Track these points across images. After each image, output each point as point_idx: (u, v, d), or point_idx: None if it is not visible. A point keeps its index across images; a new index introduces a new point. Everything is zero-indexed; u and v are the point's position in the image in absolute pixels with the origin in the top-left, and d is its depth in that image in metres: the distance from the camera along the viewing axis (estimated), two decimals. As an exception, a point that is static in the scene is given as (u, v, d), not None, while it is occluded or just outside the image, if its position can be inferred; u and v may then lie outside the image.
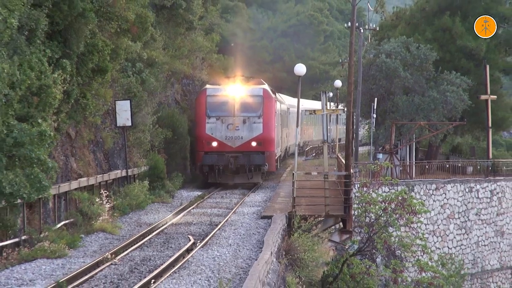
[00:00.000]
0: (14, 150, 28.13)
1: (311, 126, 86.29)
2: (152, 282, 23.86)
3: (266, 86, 55.93)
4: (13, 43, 29.03)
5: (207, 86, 55.96)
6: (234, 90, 54.07)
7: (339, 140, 79.70)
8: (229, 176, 53.41)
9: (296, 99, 49.91)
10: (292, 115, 72.59)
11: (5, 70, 26.35)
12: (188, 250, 29.46)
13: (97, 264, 26.69)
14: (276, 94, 63.18)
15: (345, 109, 53.86)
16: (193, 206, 43.66)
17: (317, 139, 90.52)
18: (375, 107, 66.17)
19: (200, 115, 54.29)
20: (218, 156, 52.22)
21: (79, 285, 23.93)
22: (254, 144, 52.85)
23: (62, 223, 34.02)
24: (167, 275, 25.05)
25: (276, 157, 57.42)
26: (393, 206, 35.56)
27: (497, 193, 68.46)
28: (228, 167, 52.40)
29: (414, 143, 69.92)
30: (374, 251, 36.88)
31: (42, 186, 28.22)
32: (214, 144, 52.73)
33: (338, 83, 76.87)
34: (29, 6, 30.13)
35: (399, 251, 38.30)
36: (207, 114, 53.37)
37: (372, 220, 35.98)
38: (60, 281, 23.48)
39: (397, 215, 35.53)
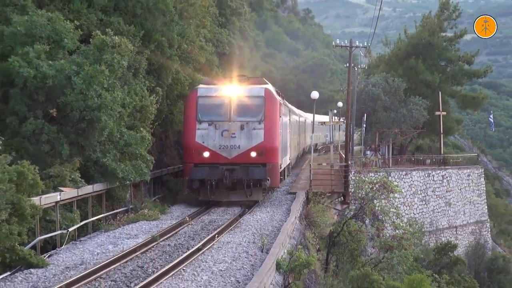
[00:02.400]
0: (124, 149, 28.31)
1: (302, 133, 71.32)
2: (216, 236, 23.83)
3: (269, 86, 35.57)
4: (124, 77, 29.17)
5: (199, 86, 35.30)
6: (230, 90, 33.91)
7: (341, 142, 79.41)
8: (223, 193, 33.21)
9: (311, 114, 49.67)
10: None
11: (119, 96, 26.40)
12: (240, 215, 29.34)
13: (179, 224, 26.68)
14: (284, 98, 43.05)
15: (344, 121, 53.63)
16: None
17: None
18: (364, 120, 66.00)
19: (189, 120, 33.58)
20: (210, 169, 32.27)
21: (168, 238, 23.93)
22: (253, 154, 32.74)
23: (156, 197, 34.16)
24: (226, 231, 25.00)
25: (281, 169, 36.73)
26: (377, 186, 35.29)
27: (446, 177, 68.20)
28: (222, 182, 32.38)
29: (390, 144, 69.64)
30: (364, 216, 36.56)
31: (143, 173, 28.38)
32: (206, 154, 32.67)
33: (340, 104, 76.79)
34: (134, 53, 30.27)
35: (381, 216, 37.95)
36: (197, 119, 33.17)
37: (363, 195, 35.68)
38: (155, 235, 23.51)
39: (380, 192, 35.27)
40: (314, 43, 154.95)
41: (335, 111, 79.23)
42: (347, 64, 53.99)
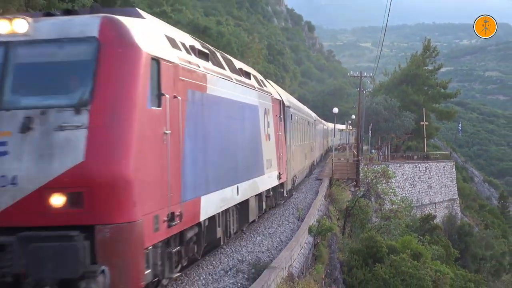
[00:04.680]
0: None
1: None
2: (267, 209, 23.53)
3: (125, 20, 5.18)
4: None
5: None
6: (10, 31, 4.84)
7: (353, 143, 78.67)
8: None
9: (332, 123, 49.07)
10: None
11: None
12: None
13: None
14: (262, 80, 17.58)
15: (356, 129, 53.02)
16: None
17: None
18: (370, 128, 65.32)
19: None
20: None
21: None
22: (57, 201, 4.22)
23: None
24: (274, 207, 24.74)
25: (193, 233, 8.12)
26: (379, 174, 34.69)
27: (428, 168, 67.09)
28: None
29: (389, 145, 68.91)
30: (370, 195, 36.04)
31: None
32: None
33: (353, 116, 76.00)
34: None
35: (382, 195, 37.42)
36: None
37: (369, 181, 35.14)
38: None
39: (381, 178, 34.66)
40: (335, 74, 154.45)
41: (350, 121, 78.69)
42: (358, 89, 53.53)
